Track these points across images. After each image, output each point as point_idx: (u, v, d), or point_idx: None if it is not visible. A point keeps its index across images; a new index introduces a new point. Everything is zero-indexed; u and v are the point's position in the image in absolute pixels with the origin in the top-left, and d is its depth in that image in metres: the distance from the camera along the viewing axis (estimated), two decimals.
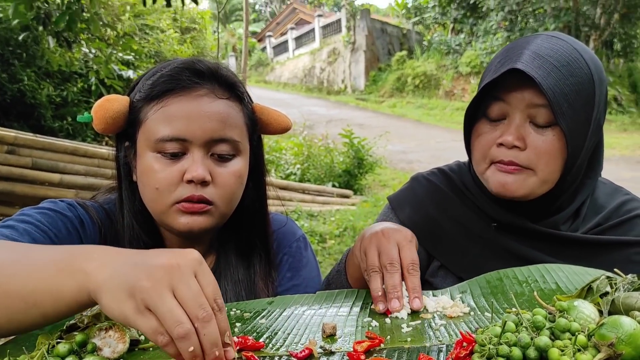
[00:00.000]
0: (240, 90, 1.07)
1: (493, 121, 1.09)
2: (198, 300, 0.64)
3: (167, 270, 0.65)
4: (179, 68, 1.03)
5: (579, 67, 1.02)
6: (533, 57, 1.02)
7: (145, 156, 1.01)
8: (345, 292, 0.97)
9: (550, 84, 0.99)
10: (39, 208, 1.03)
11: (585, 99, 1.03)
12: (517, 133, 1.04)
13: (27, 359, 0.69)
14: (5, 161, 4.11)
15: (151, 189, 1.01)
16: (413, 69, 19.77)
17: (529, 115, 1.04)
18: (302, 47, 25.78)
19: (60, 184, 4.42)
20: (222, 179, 1.02)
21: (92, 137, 7.36)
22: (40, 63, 6.81)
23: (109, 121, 1.02)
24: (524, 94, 1.03)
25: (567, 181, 1.08)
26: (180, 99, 1.00)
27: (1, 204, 4.32)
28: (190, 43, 10.45)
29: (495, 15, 17.46)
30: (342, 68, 22.07)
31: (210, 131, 1.00)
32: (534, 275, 0.91)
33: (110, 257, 0.70)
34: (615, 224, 1.13)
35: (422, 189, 1.27)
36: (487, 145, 1.09)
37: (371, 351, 0.70)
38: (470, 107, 1.12)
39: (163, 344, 0.63)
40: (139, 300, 0.63)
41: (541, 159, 1.04)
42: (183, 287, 0.64)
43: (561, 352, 0.60)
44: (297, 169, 8.89)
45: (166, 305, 0.63)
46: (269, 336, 0.78)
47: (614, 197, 1.19)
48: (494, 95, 1.08)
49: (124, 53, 7.22)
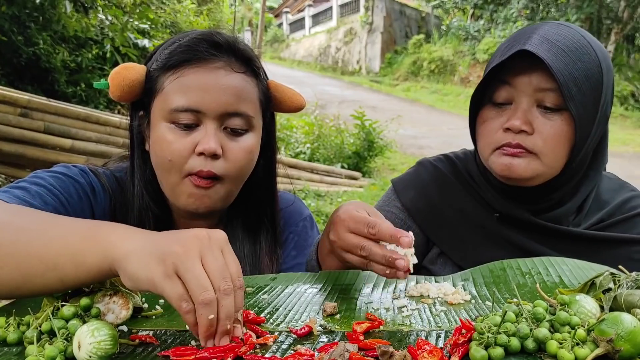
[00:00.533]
0: (256, 65, 1.07)
1: (499, 106, 1.08)
2: (223, 272, 0.66)
3: (198, 240, 0.68)
4: (197, 39, 1.02)
5: (586, 52, 1.02)
6: (541, 40, 1.01)
7: (158, 126, 1.01)
8: (348, 272, 0.97)
9: (559, 66, 0.98)
10: (52, 172, 1.04)
11: (593, 85, 1.02)
12: (524, 117, 1.03)
13: (32, 319, 0.70)
14: (18, 124, 4.14)
15: (164, 159, 1.01)
16: (429, 53, 19.54)
17: (536, 99, 1.03)
18: (319, 25, 25.52)
19: (71, 150, 4.45)
20: (233, 153, 1.02)
21: (104, 104, 7.38)
22: (56, 27, 6.79)
23: (125, 89, 1.02)
24: (531, 77, 1.02)
25: (571, 169, 1.07)
26: (197, 70, 1.00)
27: (12, 166, 4.37)
28: (206, 15, 10.38)
29: (516, 2, 17.17)
30: (358, 49, 21.87)
31: (225, 104, 1.00)
32: (538, 268, 0.91)
33: (136, 231, 0.73)
34: (619, 220, 1.12)
35: (427, 174, 1.26)
36: (493, 131, 1.08)
37: (370, 332, 0.71)
38: (476, 92, 1.11)
39: (185, 310, 0.64)
40: (169, 265, 0.65)
41: (548, 144, 1.03)
42: (211, 258, 0.67)
43: (559, 345, 0.60)
44: (307, 148, 8.88)
45: (196, 270, 0.65)
46: (270, 312, 0.79)
47: (619, 192, 1.18)
48: (500, 79, 1.07)
49: (140, 22, 7.19)
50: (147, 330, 0.72)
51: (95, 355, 0.61)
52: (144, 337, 0.69)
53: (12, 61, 6.42)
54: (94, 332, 0.62)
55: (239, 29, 22.77)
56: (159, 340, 0.69)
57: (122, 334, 0.71)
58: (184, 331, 0.72)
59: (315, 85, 15.97)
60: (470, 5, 19.75)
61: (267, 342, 0.68)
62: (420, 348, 0.62)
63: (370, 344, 0.64)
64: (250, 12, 27.74)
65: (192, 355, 0.63)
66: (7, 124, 4.06)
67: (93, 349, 0.61)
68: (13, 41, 6.26)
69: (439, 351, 0.61)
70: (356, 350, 0.61)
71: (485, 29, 18.79)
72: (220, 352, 0.63)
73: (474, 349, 0.60)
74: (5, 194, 0.93)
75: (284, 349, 0.66)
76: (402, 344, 0.66)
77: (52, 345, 0.64)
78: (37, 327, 0.68)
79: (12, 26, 6.24)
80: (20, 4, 6.31)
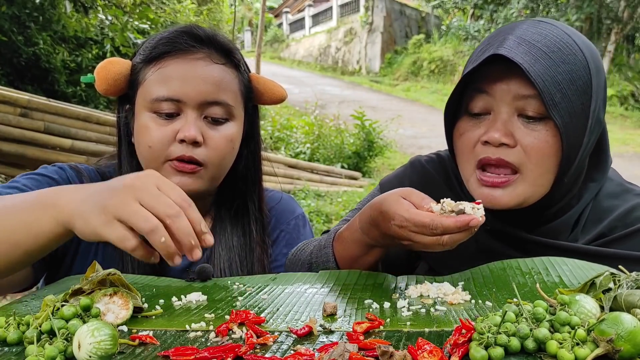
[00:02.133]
0: (236, 57, 1.10)
1: (477, 117, 0.96)
2: (163, 201, 0.71)
3: (130, 186, 0.73)
4: (177, 32, 1.07)
5: (571, 52, 0.90)
6: (518, 42, 0.90)
7: (141, 115, 1.05)
8: (348, 272, 0.97)
9: (539, 70, 0.87)
10: (31, 174, 1.08)
11: (580, 89, 0.90)
12: (504, 129, 0.91)
13: (32, 319, 0.70)
14: (18, 124, 4.15)
15: (145, 147, 1.05)
16: (429, 53, 19.55)
17: (516, 108, 0.92)
18: (319, 25, 25.52)
19: (71, 150, 4.45)
20: (213, 141, 1.05)
21: (104, 104, 7.39)
22: (56, 27, 6.80)
23: (110, 82, 1.06)
24: (509, 84, 0.91)
25: (564, 184, 0.96)
26: (177, 60, 1.04)
27: (12, 166, 4.37)
28: (206, 15, 10.38)
29: (516, 2, 17.16)
30: (358, 49, 21.87)
31: (205, 93, 1.03)
32: (538, 267, 0.91)
33: (78, 190, 0.78)
34: (622, 236, 0.97)
35: (416, 177, 1.15)
36: (471, 144, 0.96)
37: (370, 332, 0.71)
38: (450, 103, 0.99)
39: (132, 247, 0.70)
40: (108, 215, 0.70)
41: (532, 158, 0.91)
42: (146, 195, 0.71)
43: (559, 345, 0.60)
44: (307, 148, 8.89)
45: (132, 208, 0.70)
46: (270, 312, 0.79)
47: (622, 199, 1.01)
48: (476, 87, 0.95)
49: (140, 21, 7.20)
50: (147, 330, 0.72)
51: (95, 355, 0.61)
52: (144, 337, 0.69)
53: (12, 61, 6.43)
54: (94, 332, 0.62)
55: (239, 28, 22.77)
56: (159, 340, 0.69)
57: (122, 334, 0.71)
58: (184, 331, 0.72)
59: (315, 85, 15.97)
60: (470, 5, 19.74)
61: (267, 342, 0.68)
62: (420, 348, 0.62)
63: (370, 344, 0.64)
64: (250, 12, 27.74)
65: (192, 355, 0.63)
66: (7, 124, 4.07)
67: (93, 349, 0.61)
68: (13, 41, 6.27)
69: (439, 351, 0.61)
70: (356, 350, 0.61)
71: (485, 29, 18.77)
72: (220, 352, 0.63)
73: (474, 349, 0.60)
74: None
75: (284, 349, 0.66)
76: (402, 344, 0.66)
77: (52, 345, 0.64)
78: (37, 327, 0.68)
79: (12, 26, 6.25)
80: (20, 4, 6.31)
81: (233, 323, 0.73)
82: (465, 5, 20.19)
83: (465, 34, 19.31)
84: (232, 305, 0.82)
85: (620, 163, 8.92)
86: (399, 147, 9.87)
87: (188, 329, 0.72)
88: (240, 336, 0.70)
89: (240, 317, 0.74)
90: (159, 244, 0.69)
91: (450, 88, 17.87)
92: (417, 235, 0.84)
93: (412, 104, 16.05)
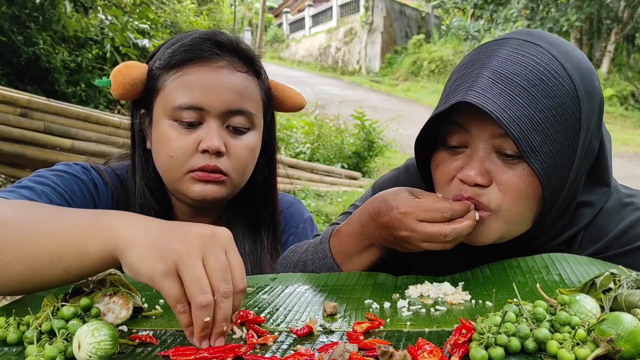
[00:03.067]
0: (258, 65, 1.08)
1: (453, 149, 0.91)
2: (224, 274, 0.65)
3: (202, 238, 0.66)
4: (200, 38, 1.03)
5: (556, 82, 0.82)
6: (493, 80, 0.82)
7: (161, 124, 1.02)
8: (348, 273, 0.97)
9: (514, 114, 0.80)
10: (55, 170, 1.04)
11: (567, 123, 0.83)
12: (480, 167, 0.86)
13: (32, 319, 0.70)
14: (18, 124, 4.14)
15: (166, 156, 1.02)
16: (429, 53, 19.55)
17: (493, 145, 0.86)
18: (319, 25, 25.52)
19: (71, 150, 4.45)
20: (236, 151, 1.03)
21: (104, 104, 7.39)
22: (56, 27, 6.80)
23: (127, 87, 1.03)
24: (486, 122, 0.85)
25: (547, 222, 0.91)
26: (200, 68, 1.01)
27: (12, 166, 4.37)
28: (206, 15, 10.38)
29: (516, 2, 17.16)
30: (358, 49, 21.87)
31: (228, 102, 1.01)
32: (538, 266, 0.91)
33: (141, 220, 0.72)
34: (616, 254, 0.92)
35: (410, 181, 1.10)
36: (448, 178, 0.91)
37: (370, 332, 0.71)
38: (421, 135, 0.93)
39: (180, 311, 0.64)
40: (170, 263, 0.64)
41: (507, 198, 0.86)
42: (213, 258, 0.65)
43: (560, 345, 0.60)
44: (307, 148, 8.89)
45: (196, 271, 0.63)
46: (270, 312, 0.79)
47: (621, 215, 0.95)
48: (451, 120, 0.90)
49: (140, 21, 7.20)
50: (147, 330, 0.72)
51: (95, 355, 0.61)
52: (144, 337, 0.69)
53: (12, 61, 6.43)
54: (94, 332, 0.62)
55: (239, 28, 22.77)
56: (159, 340, 0.69)
57: (122, 334, 0.71)
58: (184, 331, 0.72)
59: (315, 85, 15.97)
60: (470, 5, 19.75)
61: (267, 342, 0.67)
62: (420, 348, 0.62)
63: (370, 344, 0.64)
64: (250, 12, 27.73)
65: (192, 355, 0.63)
66: (7, 124, 4.07)
67: (93, 349, 0.61)
68: (13, 41, 6.26)
69: (439, 351, 0.61)
70: (356, 350, 0.61)
71: (485, 29, 18.78)
72: (220, 352, 0.63)
73: (474, 349, 0.60)
74: (11, 193, 0.93)
75: (284, 349, 0.66)
76: (402, 344, 0.66)
77: (52, 345, 0.64)
78: (37, 327, 0.68)
79: (12, 26, 6.25)
80: (20, 4, 6.31)
81: (233, 323, 0.73)
82: (465, 5, 20.19)
83: (465, 34, 19.31)
84: None
85: (620, 163, 8.92)
86: (399, 147, 9.86)
87: None
88: (240, 336, 0.70)
89: (240, 317, 0.74)
90: (200, 321, 0.63)
91: None
92: (420, 225, 0.84)
93: (412, 104, 16.05)
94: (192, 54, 1.01)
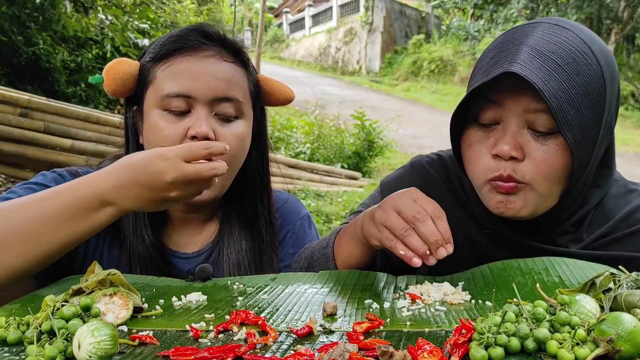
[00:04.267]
0: (245, 56, 1.11)
1: (485, 127, 0.95)
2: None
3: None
4: (187, 30, 1.07)
5: (587, 63, 0.88)
6: (532, 55, 0.87)
7: (151, 114, 1.04)
8: (348, 272, 0.97)
9: (553, 88, 0.85)
10: (28, 183, 1.07)
11: (594, 101, 0.89)
12: (514, 141, 0.90)
13: (32, 319, 0.70)
14: (18, 124, 4.14)
15: (156, 145, 1.03)
16: (429, 53, 19.54)
17: (526, 121, 0.90)
18: (319, 25, 25.51)
19: (71, 150, 4.45)
20: (224, 138, 1.04)
21: (104, 104, 7.39)
22: (56, 27, 6.80)
23: (119, 82, 1.06)
24: (520, 97, 0.89)
25: (572, 195, 0.95)
26: (188, 57, 1.04)
27: (12, 166, 4.37)
28: (206, 15, 10.38)
29: (516, 2, 17.16)
30: (358, 49, 21.87)
31: (215, 89, 1.03)
32: (538, 267, 0.91)
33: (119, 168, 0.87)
34: (624, 235, 0.98)
35: (418, 178, 1.14)
36: (481, 156, 0.94)
37: (370, 332, 0.71)
38: (457, 111, 0.97)
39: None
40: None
41: (541, 172, 0.90)
42: None
43: (559, 345, 0.60)
44: (307, 148, 8.89)
45: None
46: (270, 312, 0.79)
47: (626, 200, 1.02)
48: (485, 97, 0.93)
49: (140, 21, 7.19)
50: (147, 330, 0.72)
51: (95, 355, 0.61)
52: (144, 337, 0.69)
53: (12, 61, 6.43)
54: (94, 332, 0.62)
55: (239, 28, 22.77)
56: (159, 340, 0.69)
57: (122, 334, 0.71)
58: (184, 331, 0.72)
59: (315, 85, 15.97)
60: (470, 5, 19.75)
61: (267, 342, 0.68)
62: (420, 348, 0.62)
63: (370, 344, 0.64)
64: (250, 12, 27.73)
65: (192, 355, 0.63)
66: (7, 124, 4.07)
67: (93, 349, 0.61)
68: (13, 41, 6.26)
69: (439, 351, 0.61)
70: (356, 350, 0.61)
71: (485, 29, 18.78)
72: (220, 352, 0.63)
73: (474, 349, 0.60)
74: None
75: (284, 349, 0.66)
76: (402, 344, 0.66)
77: (52, 345, 0.64)
78: (37, 327, 0.68)
79: (12, 26, 6.25)
80: (20, 4, 6.31)
81: (233, 323, 0.73)
82: (465, 5, 20.19)
83: (465, 34, 19.31)
84: (232, 305, 0.82)
85: (620, 163, 8.88)
86: (399, 147, 9.86)
87: (188, 329, 0.72)
88: (242, 336, 0.70)
89: (240, 317, 0.74)
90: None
91: (450, 88, 17.96)
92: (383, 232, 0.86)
93: (412, 104, 16.05)
94: (180, 44, 1.04)
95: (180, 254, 1.15)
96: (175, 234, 1.16)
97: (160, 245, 1.11)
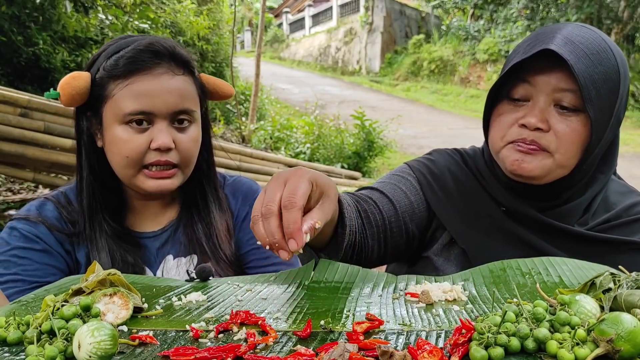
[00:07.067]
0: (192, 66, 1.23)
1: (516, 102, 1.09)
2: None
3: None
4: (139, 50, 1.15)
5: (607, 57, 1.04)
6: (565, 41, 1.02)
7: (113, 128, 1.15)
8: (347, 272, 0.97)
9: (581, 68, 1.00)
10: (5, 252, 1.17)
11: (611, 89, 1.04)
12: (541, 115, 1.05)
13: (32, 319, 0.70)
14: (18, 124, 4.13)
15: (122, 157, 1.16)
16: (429, 53, 19.54)
17: (554, 98, 1.05)
18: (319, 25, 25.51)
19: (71, 150, 4.44)
20: (183, 144, 1.18)
21: None
22: (56, 27, 6.79)
23: (75, 97, 1.16)
24: (550, 77, 1.04)
25: (582, 170, 1.09)
26: (144, 77, 1.15)
27: (12, 166, 4.37)
28: (206, 15, 10.37)
29: (516, 2, 17.17)
30: (358, 49, 21.86)
31: (173, 105, 1.16)
32: (538, 268, 0.91)
33: None
34: (624, 222, 1.13)
35: (443, 160, 1.28)
36: (508, 124, 1.09)
37: (370, 332, 0.71)
38: (494, 88, 1.12)
39: None
40: None
41: (563, 143, 1.05)
42: None
43: (559, 345, 0.60)
44: (307, 148, 8.89)
45: None
46: (270, 312, 0.79)
47: (627, 196, 1.18)
48: (519, 77, 1.08)
49: (140, 21, 7.19)
50: (147, 330, 0.72)
51: (95, 355, 0.61)
52: (144, 337, 0.69)
53: (12, 61, 6.42)
54: (94, 332, 0.62)
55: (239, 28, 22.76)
56: (159, 340, 0.69)
57: (122, 334, 0.71)
58: (184, 331, 0.72)
59: (315, 85, 15.95)
60: (470, 5, 19.75)
61: (267, 342, 0.68)
62: (420, 348, 0.62)
63: (370, 344, 0.64)
64: (250, 12, 27.73)
65: (192, 355, 0.63)
66: (7, 124, 4.06)
67: (93, 349, 0.61)
68: (13, 41, 6.26)
69: (439, 351, 0.61)
70: (356, 350, 0.61)
71: (485, 29, 18.78)
72: (220, 352, 0.63)
73: (474, 349, 0.60)
74: None
75: (284, 349, 0.66)
76: (402, 344, 0.66)
77: (52, 345, 0.64)
78: (37, 327, 0.68)
79: (12, 26, 6.24)
80: (20, 4, 6.30)
81: (233, 323, 0.73)
82: (465, 5, 20.19)
83: (465, 34, 19.31)
84: (232, 305, 0.82)
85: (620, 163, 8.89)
86: (399, 147, 9.85)
87: (188, 329, 0.72)
88: (242, 336, 0.70)
89: (240, 317, 0.74)
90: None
91: (450, 88, 17.95)
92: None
93: (412, 103, 16.05)
94: (134, 65, 1.14)
95: (146, 233, 1.27)
96: (136, 218, 1.28)
97: (124, 229, 1.24)
